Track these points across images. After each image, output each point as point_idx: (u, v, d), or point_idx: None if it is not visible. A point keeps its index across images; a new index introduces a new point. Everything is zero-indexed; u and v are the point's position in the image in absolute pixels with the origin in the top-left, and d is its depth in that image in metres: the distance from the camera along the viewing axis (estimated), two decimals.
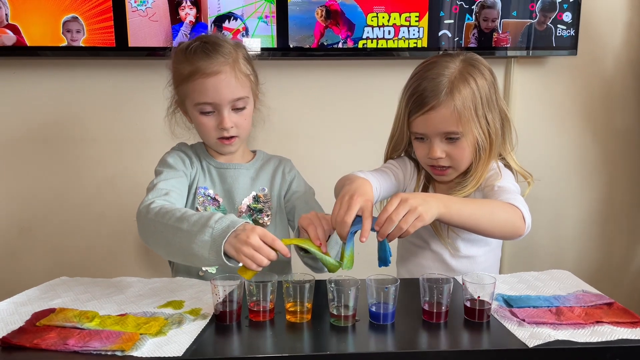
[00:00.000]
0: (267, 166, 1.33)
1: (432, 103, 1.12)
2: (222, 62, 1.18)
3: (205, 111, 1.20)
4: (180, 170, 1.24)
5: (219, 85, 1.17)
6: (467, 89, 1.13)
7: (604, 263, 1.95)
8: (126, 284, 1.11)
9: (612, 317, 0.94)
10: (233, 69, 1.19)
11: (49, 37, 1.59)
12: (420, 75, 1.16)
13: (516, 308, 0.97)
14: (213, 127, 1.21)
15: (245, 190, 1.29)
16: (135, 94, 1.72)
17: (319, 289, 0.99)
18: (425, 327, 0.92)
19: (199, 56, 1.18)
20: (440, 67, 1.15)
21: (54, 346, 0.83)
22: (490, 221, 1.04)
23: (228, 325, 0.93)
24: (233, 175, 1.28)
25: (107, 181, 1.77)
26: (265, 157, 1.36)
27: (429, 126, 1.15)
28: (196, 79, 1.17)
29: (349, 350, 0.86)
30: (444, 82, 1.12)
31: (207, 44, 1.20)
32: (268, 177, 1.32)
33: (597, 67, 1.83)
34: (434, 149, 1.16)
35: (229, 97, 1.19)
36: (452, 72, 1.14)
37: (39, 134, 1.74)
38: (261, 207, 1.29)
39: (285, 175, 1.33)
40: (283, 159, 1.37)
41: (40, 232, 1.79)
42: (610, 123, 1.87)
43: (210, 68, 1.16)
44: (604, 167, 1.89)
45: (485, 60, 1.20)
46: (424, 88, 1.13)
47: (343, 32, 1.65)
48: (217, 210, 1.25)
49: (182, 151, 1.29)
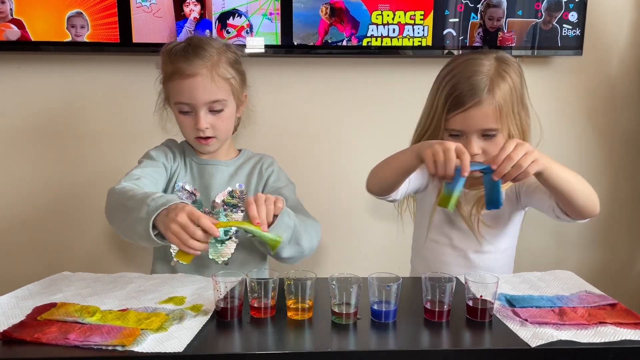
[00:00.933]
0: (246, 164, 1.35)
1: (473, 101, 1.13)
2: (200, 64, 1.21)
3: (183, 110, 1.25)
4: (160, 161, 1.28)
5: (194, 87, 1.21)
6: (506, 85, 1.16)
7: (607, 264, 1.94)
8: (128, 280, 1.11)
9: (615, 318, 0.93)
10: (210, 72, 1.22)
11: (53, 32, 1.59)
12: (457, 72, 1.17)
13: (519, 308, 0.96)
14: (190, 127, 1.25)
15: (221, 186, 1.30)
16: (139, 90, 1.71)
17: (320, 286, 0.99)
18: (427, 326, 0.92)
19: (180, 58, 1.22)
20: (477, 64, 1.16)
21: (54, 340, 0.83)
22: (582, 190, 1.09)
23: (229, 321, 0.93)
24: (211, 172, 1.31)
25: (110, 176, 1.74)
26: (248, 156, 1.38)
27: (468, 123, 1.16)
28: (175, 79, 1.22)
29: (350, 348, 0.86)
30: (484, 79, 1.14)
31: (190, 46, 1.24)
32: (246, 174, 1.33)
33: (603, 67, 1.82)
34: (471, 146, 1.15)
35: (204, 99, 1.22)
36: (489, 69, 1.16)
37: (43, 129, 1.74)
38: (235, 202, 1.30)
39: (263, 172, 1.34)
40: (264, 156, 1.38)
41: (43, 226, 1.79)
42: (616, 124, 1.86)
43: (188, 70, 1.21)
44: (608, 168, 1.88)
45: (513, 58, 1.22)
46: (464, 86, 1.14)
47: (347, 29, 1.65)
48: (194, 204, 1.28)
49: (167, 146, 1.34)
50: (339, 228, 1.85)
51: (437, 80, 1.22)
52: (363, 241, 1.88)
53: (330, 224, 1.83)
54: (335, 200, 1.84)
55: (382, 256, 1.87)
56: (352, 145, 1.81)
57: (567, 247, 1.92)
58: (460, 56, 1.24)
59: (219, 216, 1.29)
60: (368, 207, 1.84)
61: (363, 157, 1.83)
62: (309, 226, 1.19)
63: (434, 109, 1.20)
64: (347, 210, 1.84)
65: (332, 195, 1.84)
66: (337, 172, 1.83)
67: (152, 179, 1.22)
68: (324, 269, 1.82)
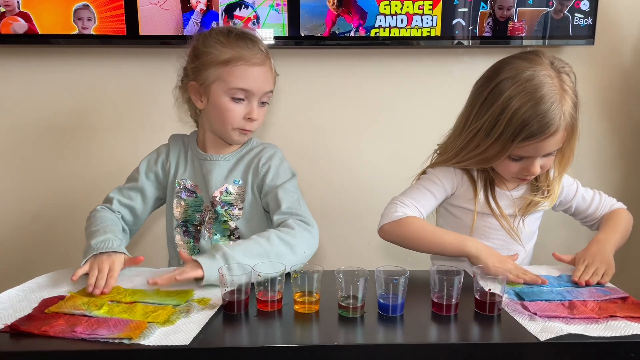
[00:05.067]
0: (247, 156, 1.31)
1: (550, 131, 1.09)
2: (265, 55, 1.23)
3: (237, 97, 1.22)
4: (140, 179, 1.31)
5: (261, 75, 1.22)
6: (570, 100, 1.11)
7: (619, 258, 1.91)
8: (135, 273, 1.11)
9: (626, 312, 0.92)
10: (271, 63, 1.25)
11: (60, 25, 1.59)
12: (525, 101, 1.08)
13: (528, 301, 0.95)
14: (239, 116, 1.23)
15: (218, 182, 1.29)
16: (147, 83, 1.72)
17: (327, 280, 0.98)
18: (434, 320, 0.91)
19: (244, 43, 1.21)
20: (542, 85, 1.08)
21: (61, 333, 0.84)
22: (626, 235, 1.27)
23: (236, 315, 0.93)
24: (208, 167, 1.29)
25: (118, 169, 1.75)
26: (251, 147, 1.33)
27: (539, 151, 1.13)
28: (238, 65, 1.20)
29: (357, 341, 0.85)
30: (556, 108, 1.08)
31: (246, 34, 1.24)
32: (243, 170, 1.30)
33: (615, 57, 1.79)
34: (535, 168, 1.15)
35: (264, 89, 1.23)
36: (554, 89, 1.09)
37: (50, 122, 1.74)
38: (232, 200, 1.28)
39: (259, 169, 1.28)
40: (264, 149, 1.31)
41: (52, 219, 1.80)
42: (629, 116, 1.83)
43: (255, 58, 1.21)
44: (621, 161, 1.85)
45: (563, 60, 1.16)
46: (539, 119, 1.08)
47: (355, 20, 1.63)
48: (194, 200, 1.29)
49: (159, 151, 1.35)
50: (345, 221, 1.84)
51: (498, 99, 1.11)
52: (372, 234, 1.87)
53: (336, 216, 1.83)
54: (343, 193, 1.83)
55: (391, 248, 1.86)
56: (360, 136, 1.80)
57: (580, 241, 1.90)
58: (514, 66, 1.13)
59: (217, 213, 1.27)
60: (376, 199, 1.83)
61: (370, 148, 1.83)
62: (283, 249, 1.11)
63: (500, 132, 1.11)
64: (354, 202, 1.83)
65: (340, 187, 1.83)
66: (344, 163, 1.82)
67: (126, 200, 1.30)
68: (333, 262, 1.82)
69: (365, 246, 1.87)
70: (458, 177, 1.26)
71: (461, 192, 1.26)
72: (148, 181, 1.32)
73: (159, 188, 1.33)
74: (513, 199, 1.25)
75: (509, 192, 1.25)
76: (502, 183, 1.25)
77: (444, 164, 1.26)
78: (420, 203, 1.23)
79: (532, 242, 1.32)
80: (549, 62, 1.13)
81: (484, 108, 1.15)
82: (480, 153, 1.17)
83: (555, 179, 1.25)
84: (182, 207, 1.30)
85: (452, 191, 1.27)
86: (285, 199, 1.22)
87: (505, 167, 1.18)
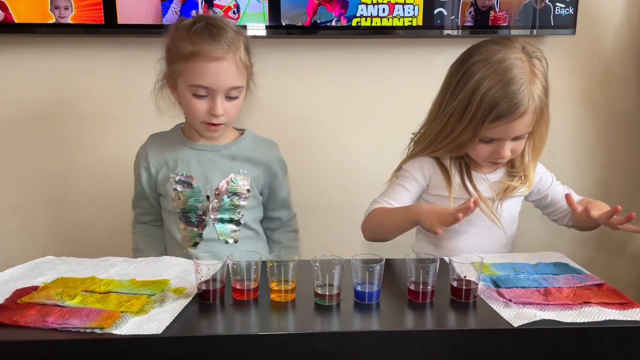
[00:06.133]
0: (251, 150, 1.32)
1: (519, 112, 1.10)
2: (226, 49, 1.17)
3: (199, 94, 1.20)
4: (141, 184, 1.33)
5: (219, 71, 1.17)
6: (540, 85, 1.13)
7: (600, 246, 1.94)
8: (111, 264, 1.09)
9: (600, 298, 0.92)
10: (235, 57, 1.19)
11: (37, 14, 1.56)
12: (494, 82, 1.10)
13: (504, 288, 0.96)
14: (203, 111, 1.21)
15: (223, 172, 1.29)
16: (125, 72, 1.69)
17: (303, 268, 0.98)
18: (410, 307, 0.91)
19: (204, 38, 1.17)
20: (512, 67, 1.10)
21: (32, 323, 0.83)
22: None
23: (211, 304, 0.92)
24: (210, 158, 1.29)
25: (97, 160, 1.75)
26: (251, 140, 1.34)
27: (508, 133, 1.14)
28: (197, 61, 1.17)
29: (333, 329, 0.85)
30: (525, 90, 1.10)
31: (213, 27, 1.18)
32: (251, 162, 1.31)
33: (596, 46, 1.79)
34: (505, 151, 1.16)
35: (226, 85, 1.19)
36: (524, 71, 1.11)
37: (28, 113, 1.71)
38: (239, 189, 1.29)
39: (271, 168, 1.34)
40: (271, 149, 1.36)
41: (32, 211, 1.78)
42: (609, 104, 1.84)
43: (213, 53, 1.16)
44: (602, 147, 1.87)
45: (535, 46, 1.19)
46: (507, 99, 1.09)
47: (337, 9, 1.62)
48: (191, 191, 1.28)
49: (139, 157, 1.34)
50: (327, 212, 1.84)
51: (468, 83, 1.13)
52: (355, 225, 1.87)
53: (319, 208, 1.83)
54: (326, 184, 1.82)
55: None
56: (341, 126, 1.79)
57: (560, 230, 1.91)
58: (485, 50, 1.15)
59: (223, 202, 1.28)
60: (358, 190, 1.83)
61: (352, 138, 1.82)
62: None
63: (471, 115, 1.13)
64: (336, 193, 1.83)
65: (323, 177, 1.82)
66: (325, 153, 1.81)
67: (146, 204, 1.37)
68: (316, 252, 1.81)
69: (348, 237, 1.87)
70: (430, 168, 1.26)
71: (436, 181, 1.26)
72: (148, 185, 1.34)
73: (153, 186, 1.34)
74: (490, 183, 1.25)
75: (485, 175, 1.25)
76: (478, 167, 1.26)
77: (419, 154, 1.27)
78: (394, 199, 1.24)
79: (513, 227, 1.32)
80: (521, 46, 1.16)
81: (456, 91, 1.16)
82: (455, 138, 1.18)
83: (530, 164, 1.25)
84: (180, 199, 1.29)
85: (426, 182, 1.27)
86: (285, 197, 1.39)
87: (478, 152, 1.19)
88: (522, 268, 1.07)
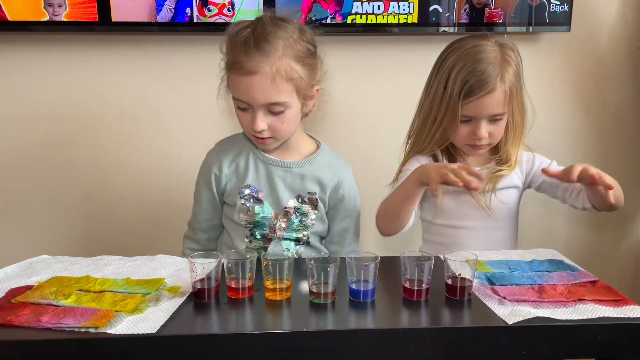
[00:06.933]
0: (321, 169, 1.25)
1: (487, 89, 1.17)
2: (260, 61, 1.08)
3: (241, 107, 1.15)
4: (202, 200, 1.27)
5: (251, 87, 1.10)
6: (512, 69, 1.20)
7: (595, 243, 1.94)
8: (106, 262, 1.09)
9: (595, 295, 0.93)
10: (271, 70, 1.09)
11: (30, 12, 1.55)
12: (467, 61, 1.19)
13: (498, 286, 0.96)
14: (247, 124, 1.16)
15: (292, 190, 1.23)
16: (120, 70, 1.69)
17: (298, 267, 0.98)
18: (405, 305, 0.92)
19: (241, 48, 1.09)
20: (484, 51, 1.20)
21: (26, 323, 0.82)
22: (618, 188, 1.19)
23: (206, 302, 0.92)
24: (280, 174, 1.23)
25: (92, 158, 1.74)
26: (325, 157, 1.27)
27: (480, 110, 1.19)
28: (233, 72, 1.12)
29: (328, 327, 0.85)
30: (496, 67, 1.18)
31: (254, 35, 1.10)
32: (316, 180, 1.24)
33: (591, 43, 1.80)
34: (480, 131, 1.21)
35: (261, 101, 1.11)
36: (496, 55, 1.20)
37: (22, 111, 1.70)
38: (307, 210, 1.24)
39: (337, 191, 1.26)
40: (343, 170, 1.28)
41: (26, 210, 1.77)
42: (604, 100, 1.85)
43: (246, 66, 1.08)
44: (597, 144, 1.87)
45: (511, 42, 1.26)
46: (477, 74, 1.17)
47: (332, 7, 1.62)
48: (261, 207, 1.22)
49: (209, 165, 1.26)
50: None
51: (444, 68, 1.22)
52: None
53: None
54: None
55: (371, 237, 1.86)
56: (338, 123, 1.79)
57: (555, 226, 1.92)
58: (460, 42, 1.24)
59: (291, 222, 1.24)
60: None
61: (347, 134, 1.82)
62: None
63: (448, 96, 1.21)
64: None
65: None
66: None
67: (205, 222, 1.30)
68: None
69: None
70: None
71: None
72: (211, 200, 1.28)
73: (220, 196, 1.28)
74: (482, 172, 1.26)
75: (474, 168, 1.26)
76: (464, 160, 1.30)
77: (414, 153, 1.30)
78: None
79: (512, 220, 1.33)
80: (495, 40, 1.23)
81: (435, 80, 1.24)
82: (439, 124, 1.24)
83: (511, 148, 1.28)
84: (248, 214, 1.23)
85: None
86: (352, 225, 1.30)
87: (458, 135, 1.23)
88: (516, 265, 1.07)
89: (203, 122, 1.69)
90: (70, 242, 1.80)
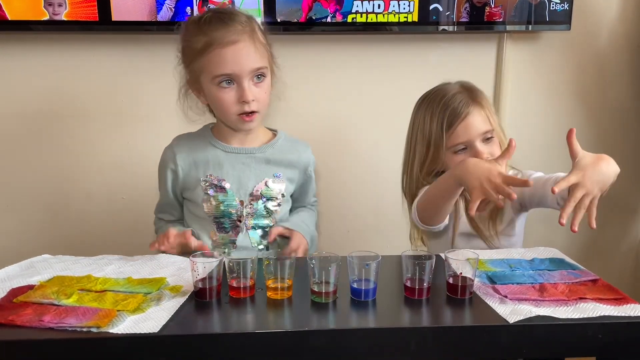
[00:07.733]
0: (284, 152, 1.29)
1: (466, 111, 1.22)
2: (240, 30, 1.14)
3: (224, 85, 1.16)
4: (167, 188, 1.29)
5: (238, 54, 1.14)
6: (479, 93, 1.27)
7: (595, 242, 1.94)
8: (107, 262, 1.09)
9: (596, 294, 0.93)
10: (251, 37, 1.15)
11: (30, 11, 1.55)
12: (439, 99, 1.26)
13: (499, 285, 0.96)
14: (233, 102, 1.18)
15: (257, 176, 1.25)
16: (120, 69, 1.69)
17: (300, 266, 0.98)
18: (406, 304, 0.92)
19: (215, 26, 1.14)
20: (447, 89, 1.27)
21: (29, 323, 0.82)
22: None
23: (208, 302, 0.92)
24: (244, 161, 1.25)
25: (92, 157, 1.74)
26: (285, 141, 1.31)
27: (470, 130, 1.22)
28: (213, 50, 1.14)
29: (329, 326, 0.85)
30: (463, 95, 1.25)
31: (222, 13, 1.16)
32: (286, 166, 1.28)
33: (591, 42, 1.80)
34: (481, 153, 1.22)
35: (249, 67, 1.15)
36: (459, 88, 1.27)
37: (23, 110, 1.70)
38: (273, 194, 1.26)
39: (307, 174, 1.33)
40: (305, 151, 1.34)
41: (28, 210, 1.77)
42: (604, 99, 1.84)
43: (227, 37, 1.13)
44: (596, 144, 1.87)
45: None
46: (452, 102, 1.24)
47: (332, 6, 1.62)
48: (224, 196, 1.24)
49: (165, 159, 1.29)
50: (323, 209, 1.84)
51: (417, 123, 1.29)
52: (351, 221, 1.87)
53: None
54: (320, 180, 1.82)
55: (370, 236, 1.87)
56: (336, 122, 1.79)
57: (554, 224, 1.91)
58: (423, 96, 1.32)
59: (257, 208, 1.26)
60: (352, 185, 1.83)
61: (347, 133, 1.82)
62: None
63: (429, 135, 1.26)
64: (332, 190, 1.83)
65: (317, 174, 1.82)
66: (321, 150, 1.81)
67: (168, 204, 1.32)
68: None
69: (345, 233, 1.88)
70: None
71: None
72: (174, 189, 1.30)
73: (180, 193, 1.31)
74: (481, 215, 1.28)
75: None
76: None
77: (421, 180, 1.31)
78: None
79: (520, 237, 1.35)
80: (455, 83, 1.30)
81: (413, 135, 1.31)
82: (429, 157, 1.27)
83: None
84: (212, 204, 1.25)
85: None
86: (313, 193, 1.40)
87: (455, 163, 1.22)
88: (517, 264, 1.07)
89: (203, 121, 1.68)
90: (70, 242, 1.80)
